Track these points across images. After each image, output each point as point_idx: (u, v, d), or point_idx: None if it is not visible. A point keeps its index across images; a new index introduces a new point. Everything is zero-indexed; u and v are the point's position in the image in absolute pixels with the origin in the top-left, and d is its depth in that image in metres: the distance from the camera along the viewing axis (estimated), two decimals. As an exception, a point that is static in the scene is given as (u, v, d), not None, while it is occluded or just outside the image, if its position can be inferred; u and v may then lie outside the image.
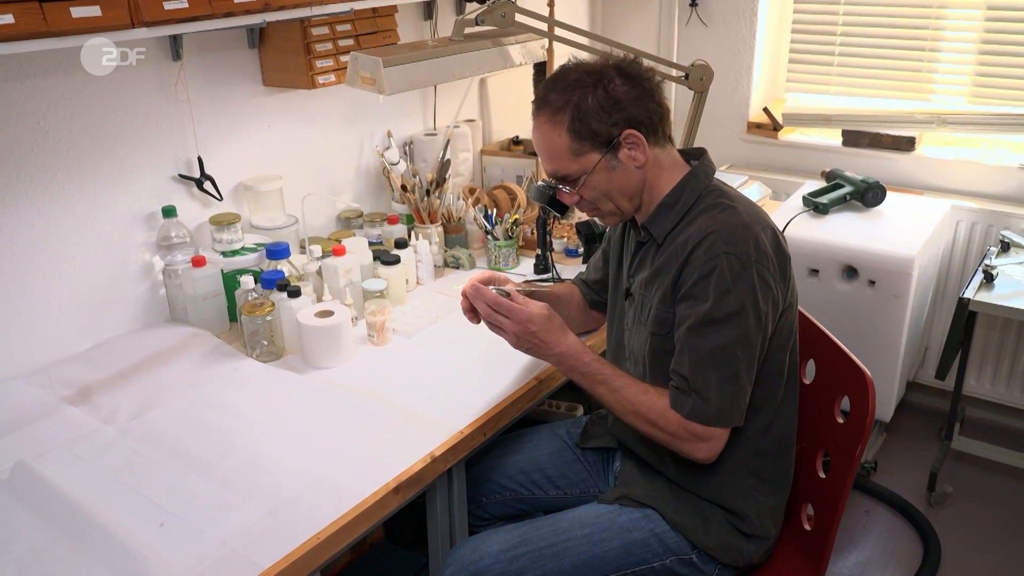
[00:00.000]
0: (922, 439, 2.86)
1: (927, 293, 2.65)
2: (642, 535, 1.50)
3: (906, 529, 2.49)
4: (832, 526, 1.52)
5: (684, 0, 3.08)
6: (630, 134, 1.43)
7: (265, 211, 2.10)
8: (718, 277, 1.37)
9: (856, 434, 1.49)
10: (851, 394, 1.53)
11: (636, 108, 1.42)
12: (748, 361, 1.40)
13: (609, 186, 1.47)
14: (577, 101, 1.41)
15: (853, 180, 2.63)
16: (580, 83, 1.42)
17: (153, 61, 1.83)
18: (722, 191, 1.49)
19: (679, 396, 1.41)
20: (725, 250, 1.37)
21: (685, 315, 1.41)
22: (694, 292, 1.39)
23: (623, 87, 1.42)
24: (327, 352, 1.77)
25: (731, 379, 1.39)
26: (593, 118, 1.41)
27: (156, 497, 1.37)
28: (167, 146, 1.91)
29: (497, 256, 2.25)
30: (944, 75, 2.84)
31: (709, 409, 1.39)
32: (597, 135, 1.42)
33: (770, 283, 1.40)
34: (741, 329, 1.38)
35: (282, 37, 1.97)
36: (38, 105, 1.67)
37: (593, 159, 1.44)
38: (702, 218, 1.44)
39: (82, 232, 1.80)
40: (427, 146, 2.49)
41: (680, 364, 1.42)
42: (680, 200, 1.48)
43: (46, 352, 1.77)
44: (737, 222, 1.40)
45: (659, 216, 1.49)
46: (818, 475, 1.59)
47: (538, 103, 1.47)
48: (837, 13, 2.95)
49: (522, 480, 1.73)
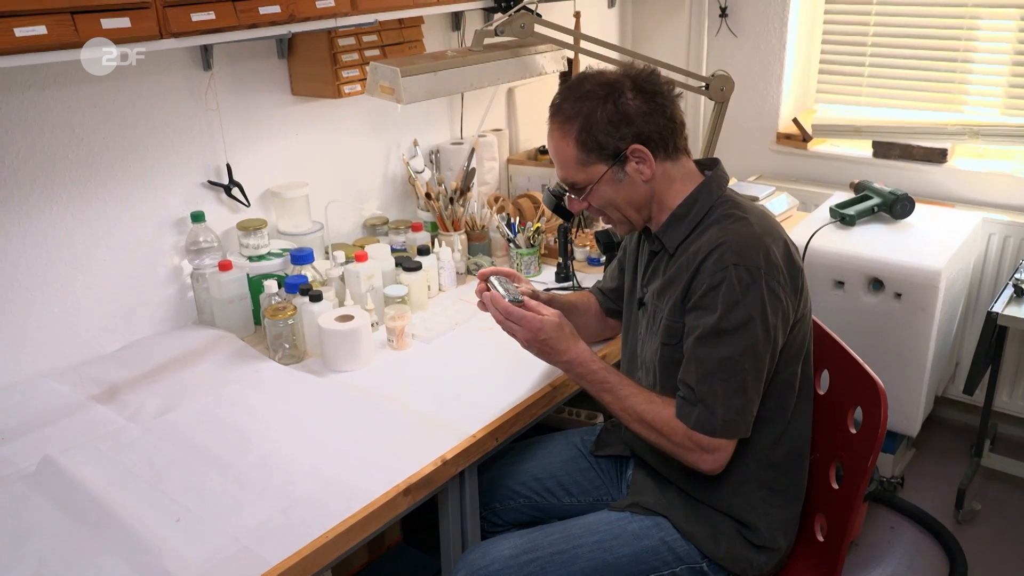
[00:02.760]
0: (952, 455, 2.81)
1: (956, 307, 2.60)
2: (652, 543, 1.50)
3: (932, 546, 2.45)
4: (844, 538, 1.51)
5: (714, 11, 3.08)
6: (637, 149, 1.44)
7: (291, 217, 2.14)
8: (726, 288, 1.37)
9: (869, 445, 1.47)
10: (863, 404, 1.51)
11: (645, 123, 1.43)
12: (756, 373, 1.40)
13: (615, 197, 1.49)
14: (587, 113, 1.43)
15: (881, 192, 2.61)
16: (592, 95, 1.44)
17: (184, 70, 1.89)
18: (735, 202, 1.49)
19: (685, 406, 1.42)
20: (734, 261, 1.38)
21: (693, 325, 1.42)
22: (702, 303, 1.40)
23: (634, 102, 1.43)
24: (346, 356, 1.80)
25: (738, 391, 1.39)
26: (601, 131, 1.43)
27: (174, 493, 1.41)
28: (197, 153, 1.97)
29: (519, 264, 2.27)
30: (977, 86, 2.80)
31: (715, 420, 1.39)
32: (604, 148, 1.44)
33: (780, 295, 1.40)
34: (749, 341, 1.38)
35: (309, 47, 2.01)
36: (73, 112, 1.74)
37: (599, 170, 1.47)
38: (713, 229, 1.44)
39: (114, 235, 1.86)
40: (453, 155, 2.53)
41: (687, 374, 1.42)
42: (692, 211, 1.49)
43: (77, 351, 1.83)
44: (747, 233, 1.41)
45: (671, 227, 1.50)
46: (831, 486, 1.58)
47: (552, 109, 1.50)
48: (868, 23, 2.93)
49: (535, 487, 1.74)
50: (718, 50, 3.13)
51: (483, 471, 1.71)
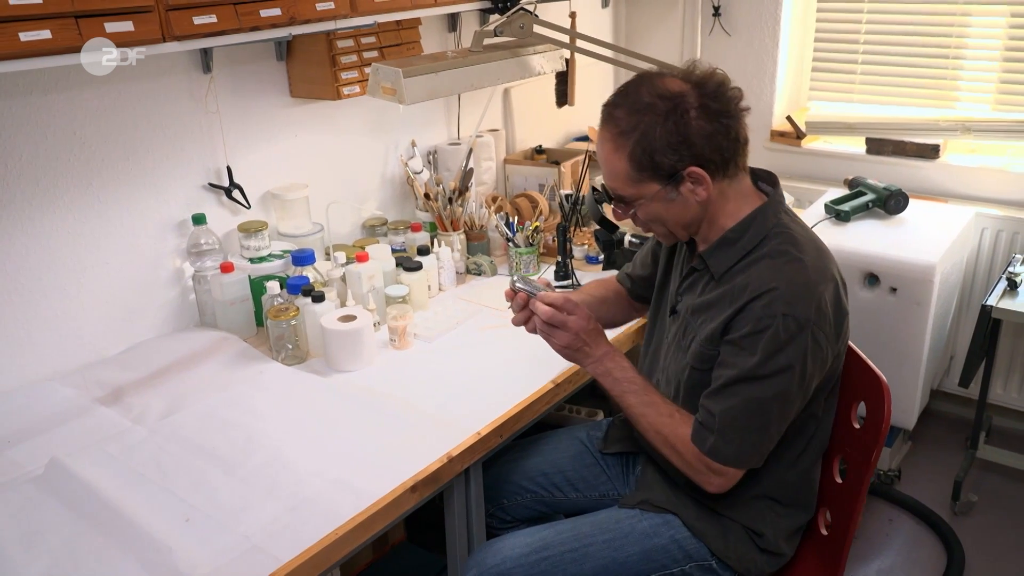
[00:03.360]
0: (948, 448, 2.84)
1: (951, 301, 2.63)
2: (663, 541, 1.51)
3: (930, 538, 2.47)
4: (848, 532, 1.53)
5: (707, 10, 3.10)
6: (695, 172, 1.35)
7: (292, 219, 2.15)
8: (771, 336, 1.33)
9: (872, 440, 1.49)
10: (867, 400, 1.53)
11: (707, 146, 1.33)
12: (781, 415, 1.39)
13: (665, 215, 1.43)
14: (644, 130, 1.34)
15: (875, 187, 2.63)
16: (652, 109, 1.33)
17: (184, 73, 1.90)
18: (790, 235, 1.40)
19: (702, 431, 1.40)
20: (784, 311, 1.32)
21: (729, 361, 1.38)
22: (743, 343, 1.36)
23: (698, 121, 1.32)
24: (349, 356, 1.81)
25: (759, 429, 1.38)
26: (657, 151, 1.34)
27: (182, 493, 1.42)
28: (197, 156, 1.97)
29: (518, 263, 2.28)
30: (968, 82, 2.83)
31: (729, 451, 1.38)
32: (659, 168, 1.35)
33: (822, 344, 1.36)
34: (782, 387, 1.35)
35: (308, 50, 2.02)
36: (75, 116, 1.74)
37: (651, 189, 1.39)
38: (765, 265, 1.38)
39: (115, 238, 1.86)
40: (451, 155, 2.54)
41: (713, 402, 1.39)
42: (744, 237, 1.41)
43: (80, 354, 1.84)
44: (802, 281, 1.35)
45: (719, 250, 1.43)
46: (835, 480, 1.60)
47: (605, 116, 1.41)
48: (860, 21, 2.95)
49: (543, 482, 1.75)
50: (712, 49, 3.15)
51: (489, 467, 1.73)
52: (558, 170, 2.62)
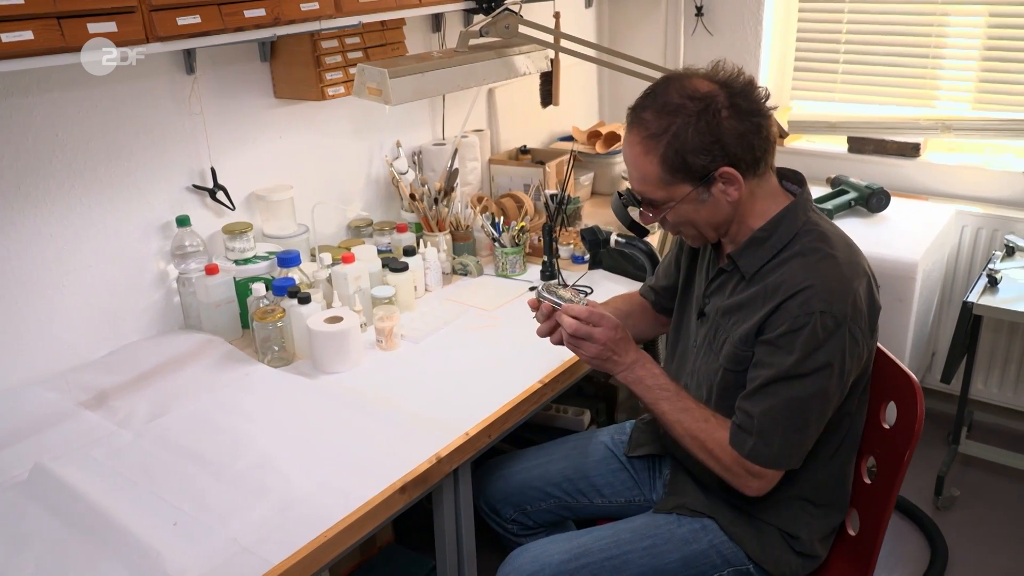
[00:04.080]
0: (930, 443, 2.86)
1: (932, 298, 2.66)
2: (702, 546, 1.50)
3: (913, 533, 2.50)
4: (879, 533, 1.53)
5: (690, 9, 3.12)
6: (727, 172, 1.34)
7: (277, 220, 2.14)
8: (809, 334, 1.31)
9: (905, 439, 1.48)
10: (897, 400, 1.53)
11: (739, 145, 1.32)
12: (820, 414, 1.38)
13: (696, 217, 1.41)
14: (676, 131, 1.32)
15: (857, 186, 2.66)
16: (683, 110, 1.32)
17: (167, 75, 1.89)
18: (821, 232, 1.40)
19: (740, 434, 1.39)
20: (822, 308, 1.31)
21: (766, 361, 1.36)
22: (780, 342, 1.34)
23: (729, 121, 1.31)
24: (336, 357, 1.80)
25: (799, 429, 1.37)
26: (690, 152, 1.32)
27: (170, 497, 1.41)
28: (181, 157, 1.96)
29: (504, 263, 2.28)
30: (948, 81, 2.86)
31: (769, 453, 1.37)
32: (691, 169, 1.34)
33: (859, 340, 1.36)
34: (821, 385, 1.34)
35: (292, 50, 2.02)
36: (57, 118, 1.73)
37: (683, 191, 1.37)
38: (798, 263, 1.36)
39: (99, 241, 1.85)
40: (436, 156, 2.54)
41: (751, 403, 1.38)
42: (774, 235, 1.40)
43: (64, 358, 1.82)
44: (837, 276, 1.34)
45: (749, 250, 1.42)
46: (864, 481, 1.59)
47: (632, 118, 1.38)
48: (841, 21, 2.98)
49: (567, 487, 1.72)
50: (694, 49, 3.17)
51: (512, 474, 1.72)
52: (543, 170, 2.62)
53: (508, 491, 1.72)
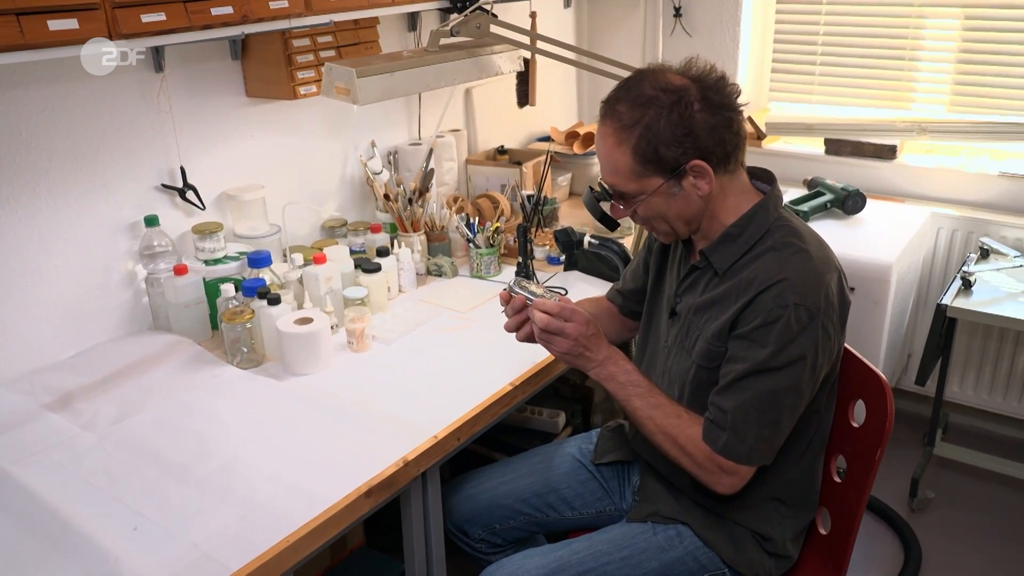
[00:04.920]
0: (906, 445, 2.88)
1: (908, 300, 2.67)
2: (678, 554, 1.49)
3: (887, 535, 2.50)
4: (851, 532, 1.53)
5: (668, 10, 3.11)
6: (698, 165, 1.35)
7: (248, 220, 2.12)
8: (783, 327, 1.32)
9: (875, 439, 1.49)
10: (866, 399, 1.54)
11: (710, 138, 1.34)
12: (793, 409, 1.38)
13: (667, 210, 1.41)
14: (648, 123, 1.33)
15: (834, 188, 2.66)
16: (655, 101, 1.33)
17: (135, 72, 1.86)
18: (792, 227, 1.41)
19: (713, 429, 1.38)
20: (796, 300, 1.32)
21: (740, 355, 1.37)
22: (754, 336, 1.35)
23: (701, 114, 1.32)
24: (306, 359, 1.79)
25: (772, 424, 1.37)
26: (662, 144, 1.33)
27: (131, 501, 1.39)
28: (150, 156, 1.93)
29: (479, 264, 2.27)
30: (924, 84, 2.87)
31: (742, 449, 1.36)
32: (663, 161, 1.35)
33: (831, 334, 1.36)
34: (794, 379, 1.35)
35: (264, 49, 1.99)
36: (20, 116, 1.70)
37: (654, 183, 1.38)
38: (770, 257, 1.37)
39: (65, 241, 1.82)
40: (411, 156, 2.52)
41: (724, 398, 1.38)
42: (746, 232, 1.41)
43: (29, 360, 1.79)
44: (810, 270, 1.35)
45: (722, 246, 1.42)
46: (834, 480, 1.60)
47: (606, 110, 1.40)
48: (819, 23, 2.98)
49: (536, 503, 1.69)
50: (673, 50, 3.16)
51: (479, 493, 1.69)
52: (520, 170, 2.61)
53: (476, 511, 1.68)
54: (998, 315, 2.31)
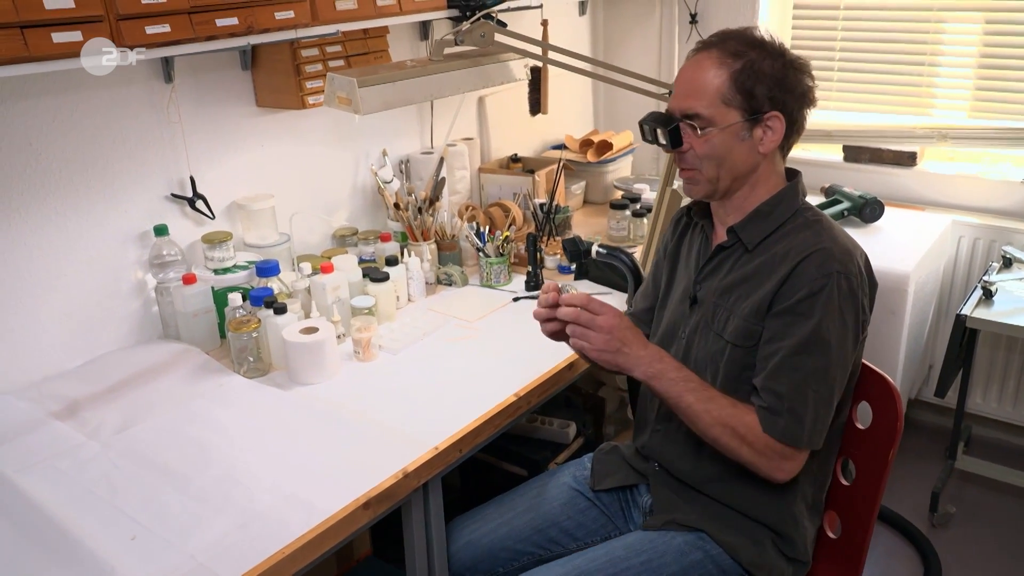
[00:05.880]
0: (926, 458, 2.82)
1: (927, 310, 2.62)
2: (698, 556, 1.46)
3: (907, 550, 2.45)
4: (866, 536, 1.52)
5: (684, 18, 3.09)
6: (777, 116, 1.39)
7: (258, 229, 2.13)
8: (827, 296, 1.33)
9: (886, 441, 1.48)
10: (872, 400, 1.53)
11: (796, 103, 1.40)
12: (841, 385, 1.38)
13: (726, 153, 1.41)
14: (755, 59, 1.37)
15: (851, 196, 2.62)
16: (764, 47, 1.39)
17: (145, 83, 1.88)
18: (818, 213, 1.46)
19: (770, 416, 1.36)
20: (839, 269, 1.33)
21: (785, 332, 1.36)
22: (799, 308, 1.34)
23: (796, 78, 1.40)
24: (311, 368, 1.78)
25: (826, 402, 1.36)
26: (761, 81, 1.37)
27: (131, 511, 1.39)
28: (159, 166, 1.95)
29: (488, 273, 2.26)
30: (944, 89, 2.82)
31: (802, 431, 1.35)
32: (753, 98, 1.38)
33: (867, 309, 1.39)
34: (843, 352, 1.35)
35: (273, 59, 2.00)
36: (30, 126, 1.72)
37: (732, 117, 1.39)
38: (805, 233, 1.40)
39: (75, 250, 1.83)
40: (423, 164, 2.52)
41: (776, 382, 1.36)
42: (776, 210, 1.44)
43: (39, 368, 1.81)
44: (845, 243, 1.38)
45: (752, 222, 1.45)
46: (841, 483, 1.58)
47: (711, 43, 1.42)
48: (836, 28, 2.94)
49: (538, 540, 1.63)
50: (689, 57, 3.14)
51: (478, 538, 1.64)
52: (532, 179, 2.60)
53: (477, 558, 1.63)
54: (1020, 326, 2.25)
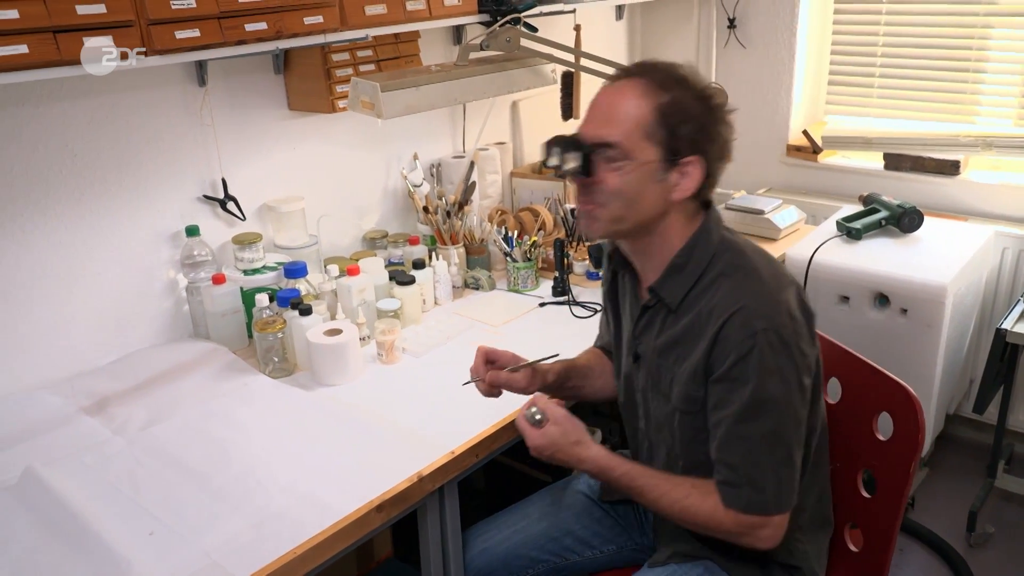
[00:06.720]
0: (965, 475, 2.74)
1: (967, 322, 2.54)
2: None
3: (942, 570, 2.38)
4: (888, 548, 1.48)
5: (722, 22, 3.06)
6: (696, 163, 1.29)
7: (288, 231, 2.15)
8: (758, 357, 1.25)
9: (908, 451, 1.45)
10: (893, 410, 1.49)
11: (716, 153, 1.30)
12: (798, 439, 1.31)
13: (639, 195, 1.30)
14: (682, 97, 1.28)
15: (889, 205, 2.56)
16: (693, 87, 1.29)
17: (179, 86, 1.91)
18: (737, 249, 1.35)
19: (730, 491, 1.30)
20: (763, 326, 1.25)
21: (726, 399, 1.29)
22: (732, 374, 1.27)
23: (719, 128, 1.31)
24: (334, 370, 1.80)
25: (785, 462, 1.29)
26: (686, 121, 1.27)
27: (151, 506, 1.42)
28: (192, 168, 1.99)
29: (516, 278, 2.26)
30: (990, 96, 2.74)
31: (766, 499, 1.29)
32: (675, 137, 1.27)
33: (807, 352, 1.30)
34: (790, 409, 1.28)
35: (304, 63, 2.03)
36: (68, 128, 1.76)
37: (650, 154, 1.28)
38: (724, 285, 1.31)
39: (109, 250, 1.88)
40: (454, 168, 2.53)
41: (729, 454, 1.30)
42: (691, 260, 1.34)
43: (72, 364, 1.85)
44: (766, 292, 1.29)
45: (669, 279, 1.36)
46: (861, 494, 1.55)
47: (634, 71, 1.32)
48: (878, 33, 2.88)
49: (554, 548, 1.63)
50: (727, 61, 3.10)
51: (494, 546, 1.63)
52: (564, 184, 2.59)
53: (493, 565, 1.62)
54: (1064, 341, 2.18)
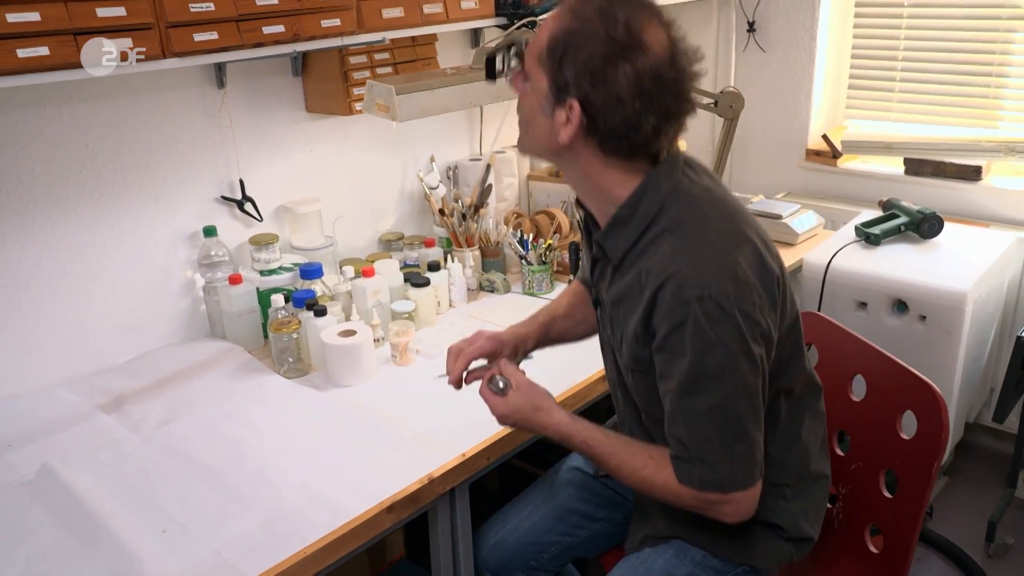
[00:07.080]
0: (985, 485, 2.70)
1: (988, 330, 2.51)
2: (686, 570, 1.41)
3: (960, 580, 2.36)
4: (908, 549, 1.47)
5: (742, 25, 3.04)
6: (575, 107, 1.17)
7: (304, 232, 2.17)
8: (693, 328, 1.15)
9: (931, 451, 1.43)
10: (916, 409, 1.48)
11: (613, 115, 1.16)
12: (753, 410, 1.22)
13: (531, 121, 1.25)
14: (581, 29, 1.15)
15: (909, 210, 2.53)
16: (605, 25, 1.14)
17: (198, 87, 1.93)
18: (689, 200, 1.23)
19: (683, 467, 1.24)
20: (696, 294, 1.15)
21: (667, 370, 1.22)
22: (668, 344, 1.19)
23: (635, 85, 1.14)
24: (348, 371, 1.81)
25: (738, 437, 1.21)
26: (576, 59, 1.15)
27: (164, 504, 1.43)
28: (210, 169, 2.00)
29: (531, 281, 2.26)
30: (1013, 101, 2.71)
31: (721, 475, 1.22)
32: (560, 72, 1.17)
33: (758, 319, 1.19)
34: (736, 380, 1.18)
35: (322, 65, 2.04)
36: (88, 129, 1.79)
37: (540, 82, 1.20)
38: (664, 243, 1.21)
39: (126, 249, 1.90)
40: (471, 171, 2.53)
41: (676, 428, 1.23)
42: (637, 213, 1.23)
43: (91, 362, 1.88)
44: (707, 253, 1.18)
45: (612, 232, 1.26)
46: (883, 494, 1.54)
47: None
48: (899, 37, 2.86)
49: (561, 528, 1.64)
50: (746, 65, 3.09)
51: (503, 538, 1.64)
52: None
53: (508, 556, 1.64)
54: (1086, 350, 2.15)
